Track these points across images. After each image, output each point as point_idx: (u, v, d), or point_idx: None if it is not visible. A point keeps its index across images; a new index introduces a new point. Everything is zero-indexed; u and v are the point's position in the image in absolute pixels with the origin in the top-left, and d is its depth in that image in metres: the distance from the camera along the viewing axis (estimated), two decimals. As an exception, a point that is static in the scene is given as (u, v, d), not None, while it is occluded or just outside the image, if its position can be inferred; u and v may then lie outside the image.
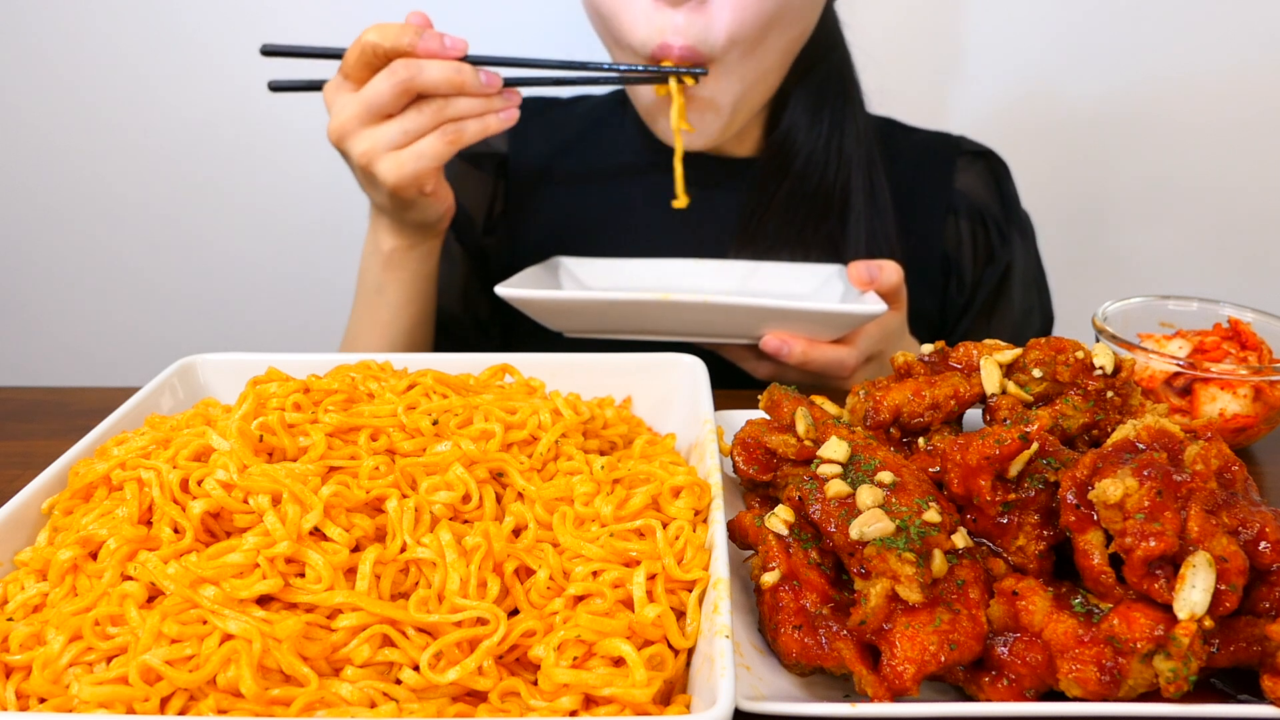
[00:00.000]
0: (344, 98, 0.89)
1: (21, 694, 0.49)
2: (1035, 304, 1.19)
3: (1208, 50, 1.55)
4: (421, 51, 0.86)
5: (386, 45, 0.86)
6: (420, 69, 0.86)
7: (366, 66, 0.87)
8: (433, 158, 0.89)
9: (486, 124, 0.91)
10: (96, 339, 1.84)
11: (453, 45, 0.88)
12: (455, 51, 0.88)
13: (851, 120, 1.12)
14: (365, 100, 0.87)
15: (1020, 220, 1.19)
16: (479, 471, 0.61)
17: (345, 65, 0.89)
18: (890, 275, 0.93)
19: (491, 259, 1.20)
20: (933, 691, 0.54)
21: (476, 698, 0.51)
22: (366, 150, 0.88)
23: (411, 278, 1.02)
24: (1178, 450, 0.55)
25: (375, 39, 0.86)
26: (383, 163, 0.89)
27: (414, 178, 0.90)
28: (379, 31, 0.86)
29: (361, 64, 0.87)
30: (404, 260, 1.01)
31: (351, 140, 0.89)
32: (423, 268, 1.03)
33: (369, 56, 0.87)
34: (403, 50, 0.86)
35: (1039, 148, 1.61)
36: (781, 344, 0.88)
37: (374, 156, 0.88)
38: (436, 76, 0.86)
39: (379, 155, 0.88)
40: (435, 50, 0.87)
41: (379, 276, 1.02)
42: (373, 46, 0.86)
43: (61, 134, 1.68)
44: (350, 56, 0.88)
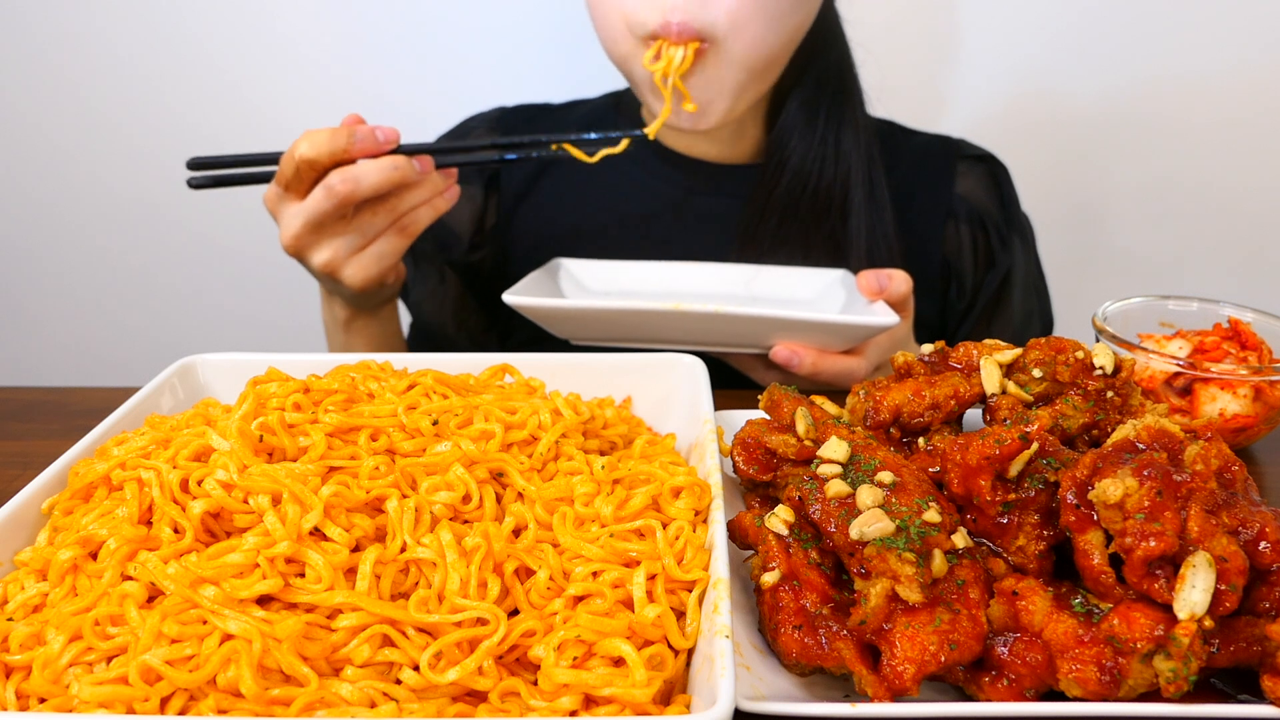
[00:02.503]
0: (289, 210, 0.88)
1: (21, 694, 0.49)
2: (1035, 308, 1.19)
3: (1208, 50, 1.55)
4: (356, 153, 0.86)
5: (322, 159, 0.85)
6: (358, 181, 0.85)
7: (303, 180, 0.86)
8: (393, 254, 0.91)
9: (435, 207, 0.92)
10: (96, 339, 1.84)
11: (385, 139, 0.87)
12: (389, 144, 0.87)
13: (850, 117, 1.12)
14: (311, 215, 0.87)
15: (1020, 224, 1.19)
16: (479, 472, 0.61)
17: (282, 177, 0.87)
18: (900, 285, 0.92)
19: (483, 273, 1.20)
20: (933, 691, 0.54)
21: (476, 698, 0.51)
22: (327, 261, 0.89)
23: (374, 337, 1.05)
24: (1178, 450, 0.55)
25: (309, 155, 0.84)
26: (346, 269, 0.90)
27: (379, 276, 0.92)
28: (311, 144, 0.84)
29: (298, 178, 0.86)
30: (364, 327, 1.03)
31: (309, 253, 0.90)
32: (386, 326, 1.05)
33: (305, 171, 0.85)
34: (338, 158, 0.85)
35: (1039, 147, 1.61)
36: (792, 354, 0.87)
37: (335, 265, 0.90)
38: (375, 181, 0.85)
39: (340, 263, 0.90)
40: (370, 149, 0.86)
41: (344, 342, 1.04)
42: (308, 163, 0.85)
43: (61, 134, 1.68)
44: (285, 170, 0.86)
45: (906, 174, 1.17)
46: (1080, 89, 1.60)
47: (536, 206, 1.20)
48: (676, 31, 0.94)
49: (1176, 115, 1.60)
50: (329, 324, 1.05)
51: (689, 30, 0.94)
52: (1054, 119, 1.62)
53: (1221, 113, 1.59)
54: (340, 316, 1.02)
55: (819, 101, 1.11)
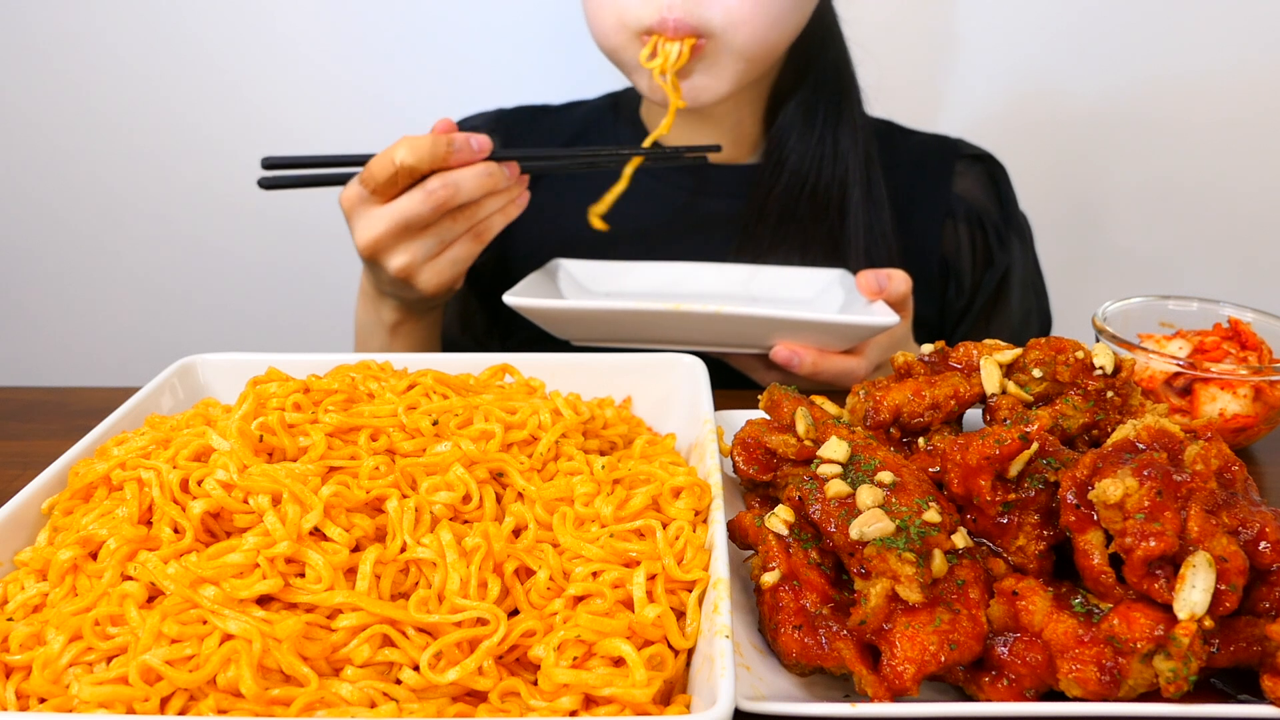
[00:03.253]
0: (373, 213, 0.88)
1: (21, 694, 0.49)
2: (1034, 307, 1.19)
3: (1208, 50, 1.55)
4: (455, 162, 0.86)
5: (424, 167, 0.85)
6: (458, 188, 0.86)
7: (397, 185, 0.86)
8: (467, 260, 0.92)
9: (508, 214, 0.93)
10: (96, 339, 1.84)
11: (480, 147, 0.88)
12: (484, 153, 0.88)
13: (848, 117, 1.12)
14: (401, 218, 0.86)
15: (1018, 224, 1.19)
16: (479, 472, 0.61)
17: (371, 180, 0.87)
18: (899, 284, 0.92)
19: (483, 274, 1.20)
20: (933, 691, 0.54)
21: (476, 698, 0.51)
22: (405, 264, 0.89)
23: (419, 341, 1.04)
24: (1178, 450, 0.55)
25: (410, 161, 0.84)
26: (422, 274, 0.90)
27: (452, 281, 0.92)
28: (411, 151, 0.84)
29: (392, 182, 0.86)
30: (411, 331, 1.02)
31: (387, 255, 0.89)
32: (430, 333, 1.05)
33: (402, 177, 0.85)
34: (438, 165, 0.85)
35: (1038, 147, 1.61)
36: (792, 355, 0.87)
37: (413, 269, 0.89)
38: (472, 189, 0.86)
39: (418, 267, 0.89)
40: (466, 158, 0.87)
41: (386, 345, 1.03)
42: (409, 170, 0.85)
43: (62, 134, 1.68)
44: (379, 174, 0.86)
45: (905, 174, 1.17)
46: (1080, 89, 1.60)
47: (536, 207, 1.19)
48: (673, 27, 0.95)
49: (1176, 115, 1.60)
50: (369, 326, 1.03)
51: (685, 26, 0.95)
52: (1054, 119, 1.62)
53: (1221, 113, 1.59)
54: (388, 320, 1.00)
55: (817, 101, 1.11)
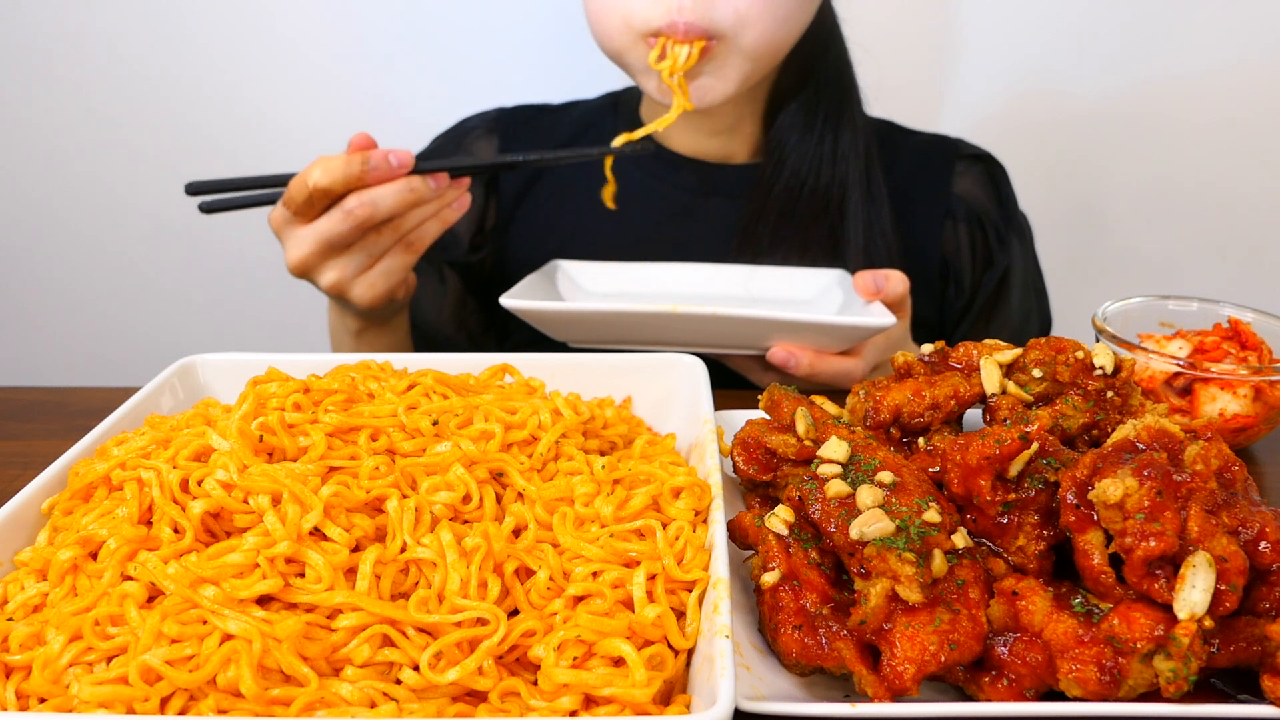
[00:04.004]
0: (298, 233, 0.87)
1: (21, 694, 0.49)
2: (1033, 307, 1.19)
3: (1208, 50, 1.55)
4: (371, 180, 0.84)
5: (338, 188, 0.83)
6: (375, 205, 0.84)
7: (314, 206, 0.85)
8: (401, 270, 0.91)
9: (444, 219, 0.91)
10: (96, 339, 1.84)
11: (400, 163, 0.86)
12: (404, 169, 0.86)
13: (848, 117, 1.12)
14: (323, 237, 0.86)
15: (1018, 224, 1.19)
16: (479, 472, 0.61)
17: (291, 202, 0.86)
18: (896, 285, 0.92)
19: (480, 274, 1.20)
20: (933, 691, 0.54)
21: (476, 698, 0.51)
22: (335, 281, 0.89)
23: (386, 346, 1.04)
24: (1178, 450, 0.55)
25: (324, 183, 0.82)
26: (354, 289, 0.89)
27: (388, 293, 0.91)
28: (325, 172, 0.83)
29: (309, 204, 0.85)
30: (376, 337, 1.03)
31: (316, 273, 0.89)
32: (396, 335, 1.05)
33: (318, 198, 0.84)
34: (353, 185, 0.84)
35: (1038, 147, 1.61)
36: (789, 356, 0.87)
37: (344, 285, 0.89)
38: (392, 204, 0.85)
39: (349, 283, 0.89)
40: (384, 175, 0.85)
41: (352, 346, 1.03)
42: (322, 191, 0.83)
43: (61, 134, 1.68)
44: (296, 196, 0.84)
45: (904, 174, 1.17)
46: (1080, 89, 1.60)
47: (535, 208, 1.20)
48: (684, 30, 0.94)
49: (1176, 115, 1.60)
50: (338, 331, 1.04)
51: (696, 29, 0.94)
52: (1054, 119, 1.62)
53: (1221, 113, 1.59)
54: (351, 327, 1.01)
55: (817, 102, 1.11)
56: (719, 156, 1.17)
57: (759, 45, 0.98)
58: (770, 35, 0.98)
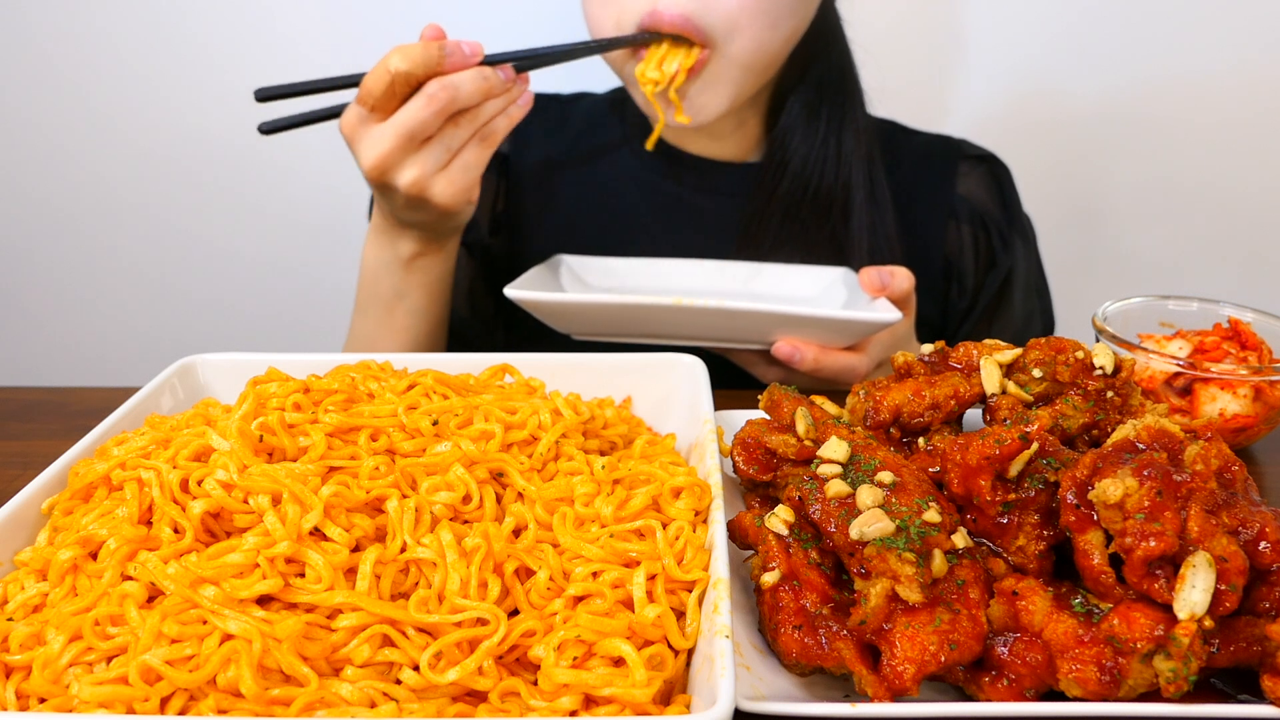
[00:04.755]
0: (376, 130, 0.86)
1: (21, 694, 0.49)
2: (1036, 309, 1.19)
3: (1208, 50, 1.55)
4: (449, 67, 0.85)
5: (419, 72, 0.83)
6: (457, 89, 0.84)
7: (395, 96, 0.85)
8: (478, 166, 0.90)
9: (510, 116, 0.91)
10: (96, 339, 1.84)
11: (472, 52, 0.86)
12: (477, 58, 0.87)
13: (851, 118, 1.12)
14: (406, 130, 0.84)
15: (1022, 225, 1.19)
16: (479, 472, 0.61)
17: (368, 96, 0.85)
18: (902, 282, 0.92)
19: (496, 259, 1.20)
20: (933, 691, 0.54)
21: (476, 698, 0.51)
22: (416, 178, 0.87)
23: (436, 278, 1.01)
24: (1178, 450, 0.55)
25: (404, 67, 0.83)
26: (435, 186, 0.88)
27: (466, 191, 0.90)
28: (404, 58, 0.83)
29: (389, 94, 0.84)
30: (429, 264, 1.00)
31: (396, 172, 0.87)
32: (446, 267, 1.02)
33: (399, 86, 0.84)
34: (433, 71, 0.84)
35: (1039, 147, 1.61)
36: (794, 351, 0.87)
37: (424, 182, 0.87)
38: (471, 91, 0.85)
39: (429, 180, 0.87)
40: (460, 62, 0.85)
41: (400, 283, 1.00)
42: (404, 76, 0.83)
43: (62, 134, 1.68)
44: (375, 87, 0.84)
45: (908, 174, 1.16)
46: (1080, 89, 1.60)
47: (542, 199, 1.19)
48: (668, 22, 0.94)
49: (1176, 115, 1.60)
50: (382, 265, 1.00)
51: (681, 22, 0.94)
52: (1054, 119, 1.62)
53: (1221, 113, 1.59)
54: (405, 254, 0.98)
55: (820, 102, 1.11)
56: (723, 156, 1.17)
57: (750, 53, 0.98)
58: (761, 42, 0.97)
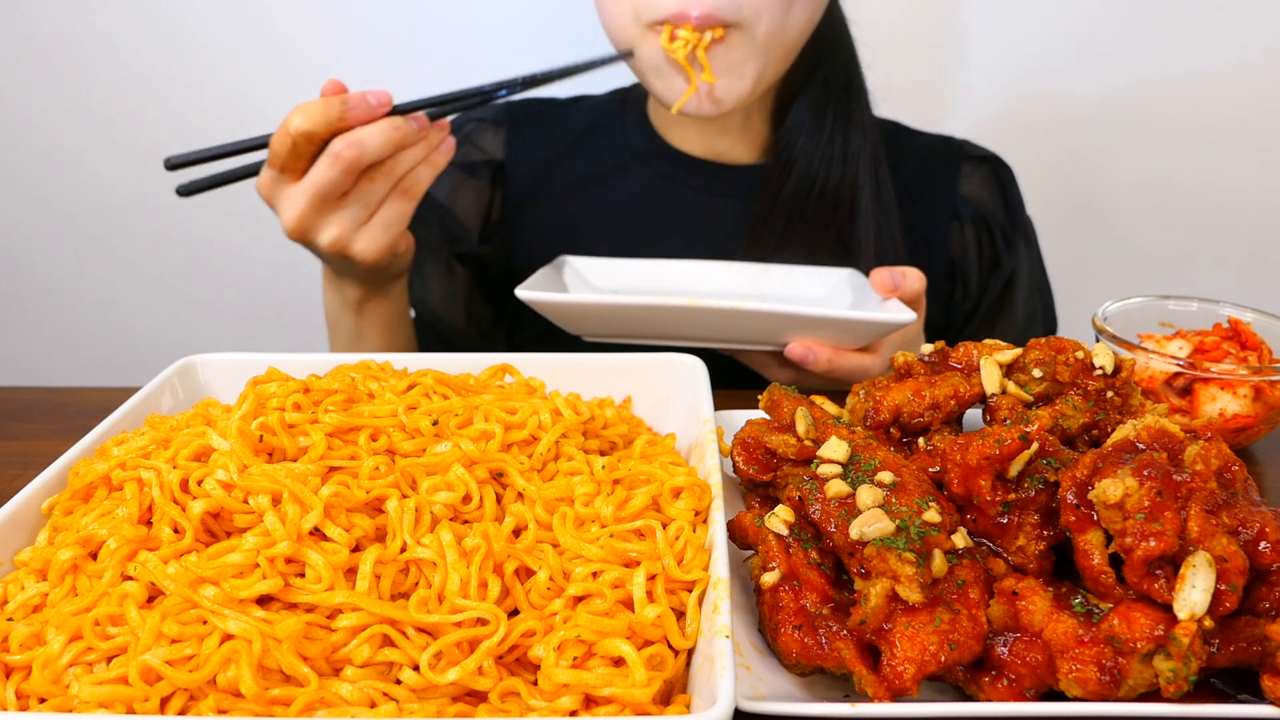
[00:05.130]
0: (288, 192, 0.86)
1: (21, 694, 0.49)
2: (1039, 309, 1.18)
3: (1208, 50, 1.55)
4: (352, 120, 0.83)
5: (320, 130, 0.82)
6: (362, 145, 0.83)
7: (301, 156, 0.84)
8: (400, 220, 0.89)
9: (434, 164, 0.90)
10: (96, 339, 1.84)
11: (379, 102, 0.84)
12: (383, 108, 0.85)
13: (857, 117, 1.11)
14: (316, 189, 0.84)
15: (1025, 225, 1.18)
16: (479, 472, 0.61)
17: (276, 158, 0.84)
18: (913, 282, 0.92)
19: (490, 267, 1.19)
20: (933, 691, 0.54)
21: (476, 698, 0.51)
22: (336, 237, 0.87)
23: (387, 317, 1.02)
24: (1178, 450, 0.55)
25: (305, 127, 0.81)
26: (356, 244, 0.87)
27: (389, 246, 0.89)
28: (305, 117, 0.82)
29: (295, 154, 0.83)
30: (377, 308, 1.00)
31: (315, 232, 0.87)
32: (395, 308, 1.02)
33: (303, 146, 0.83)
34: (335, 128, 0.83)
35: (1039, 148, 1.61)
36: (807, 352, 0.86)
37: (344, 241, 0.87)
38: (379, 144, 0.83)
39: (349, 238, 0.87)
40: (364, 115, 0.83)
41: (354, 326, 1.01)
42: (305, 136, 0.82)
43: (61, 134, 1.68)
44: (280, 149, 0.83)
45: (911, 175, 1.16)
46: (1081, 89, 1.60)
47: (542, 204, 1.19)
48: (696, 20, 0.94)
49: (1176, 115, 1.60)
50: (336, 309, 1.02)
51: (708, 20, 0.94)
52: (1055, 119, 1.62)
53: (1221, 113, 1.59)
54: (351, 299, 0.99)
55: (826, 102, 1.11)
56: (728, 157, 1.16)
57: (771, 35, 0.98)
58: (780, 25, 0.98)
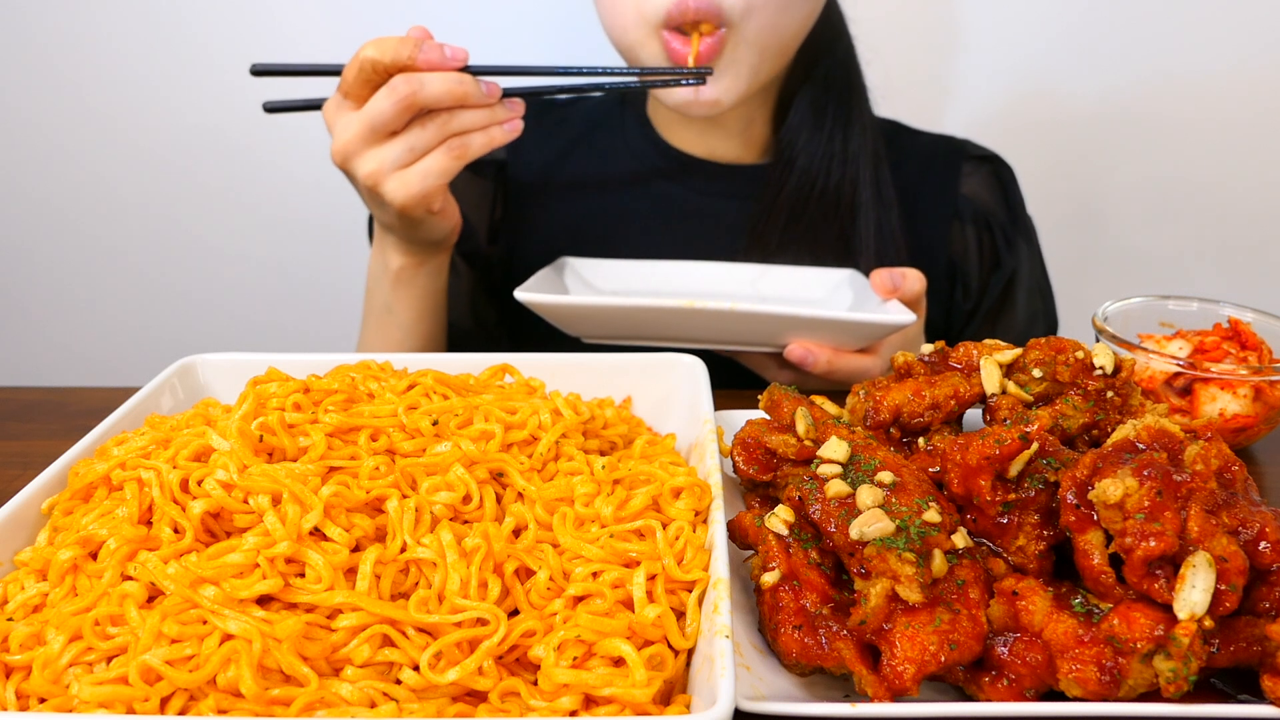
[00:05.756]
0: (346, 117, 0.87)
1: (21, 694, 0.49)
2: (1040, 309, 1.18)
3: (1208, 50, 1.55)
4: (422, 65, 0.83)
5: (386, 61, 0.83)
6: (422, 84, 0.83)
7: (366, 84, 0.85)
8: (439, 174, 0.87)
9: (491, 136, 0.89)
10: (96, 339, 1.84)
11: (453, 55, 0.85)
12: (456, 62, 0.85)
13: (857, 117, 1.11)
14: (368, 119, 0.84)
15: (1026, 226, 1.18)
16: (479, 472, 0.61)
17: (344, 84, 0.86)
18: (914, 283, 0.92)
19: (494, 267, 1.19)
20: (933, 691, 0.54)
21: (476, 698, 0.51)
22: (372, 171, 0.86)
23: (421, 294, 1.01)
24: (1178, 450, 0.55)
25: (374, 55, 0.83)
26: (389, 183, 0.87)
27: (421, 196, 0.88)
28: (377, 47, 0.83)
29: (361, 81, 0.84)
30: (413, 278, 1.00)
31: (356, 161, 0.87)
32: (433, 284, 1.02)
33: (368, 74, 0.84)
34: (402, 65, 0.83)
35: (1039, 147, 1.61)
36: (807, 353, 0.86)
37: (380, 177, 0.86)
38: (439, 90, 0.83)
39: (385, 175, 0.86)
40: (435, 62, 0.84)
41: (388, 295, 1.00)
42: (371, 63, 0.83)
43: (61, 134, 1.68)
44: (349, 74, 0.85)
45: (911, 175, 1.16)
46: (1081, 89, 1.60)
47: (543, 205, 1.19)
48: (694, 11, 0.94)
49: (1176, 115, 1.60)
50: (376, 275, 1.01)
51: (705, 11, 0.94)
52: (1055, 119, 1.62)
53: (1221, 113, 1.59)
54: (392, 266, 0.98)
55: (826, 101, 1.11)
56: (729, 158, 1.16)
57: (764, 33, 0.98)
58: (774, 22, 0.98)
